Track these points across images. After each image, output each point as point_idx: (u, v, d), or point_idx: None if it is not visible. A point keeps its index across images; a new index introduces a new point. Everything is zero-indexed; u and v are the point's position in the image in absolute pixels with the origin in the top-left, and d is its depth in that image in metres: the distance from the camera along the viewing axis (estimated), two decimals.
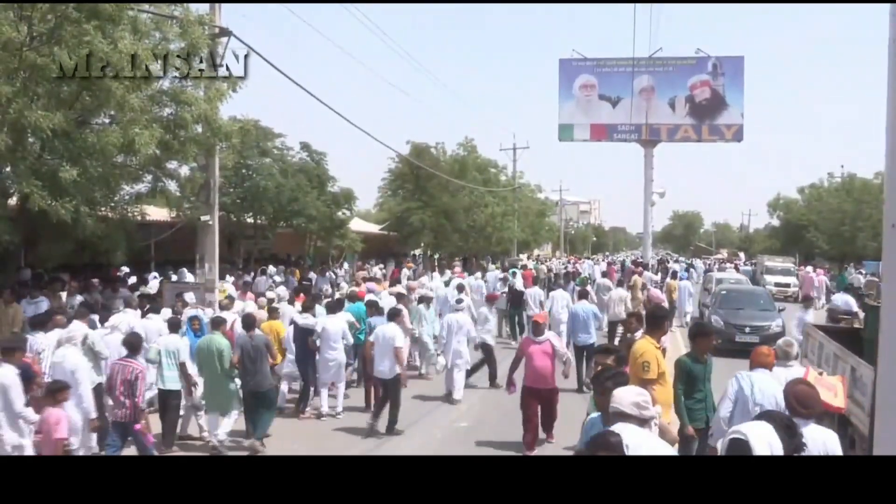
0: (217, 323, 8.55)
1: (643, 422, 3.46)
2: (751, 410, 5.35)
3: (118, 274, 15.71)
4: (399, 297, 11.92)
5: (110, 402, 7.18)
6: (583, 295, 12.95)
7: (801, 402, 4.16)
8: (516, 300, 16.35)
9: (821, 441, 4.05)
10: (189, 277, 15.31)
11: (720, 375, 6.54)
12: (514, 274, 19.89)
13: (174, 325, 8.50)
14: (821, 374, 6.76)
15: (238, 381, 8.23)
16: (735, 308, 16.35)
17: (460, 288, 14.27)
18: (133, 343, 7.33)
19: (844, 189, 38.86)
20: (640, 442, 3.28)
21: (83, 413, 6.76)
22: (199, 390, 8.31)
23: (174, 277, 16.18)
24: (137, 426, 6.92)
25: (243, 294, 13.13)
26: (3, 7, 9.16)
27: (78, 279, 13.68)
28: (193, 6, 11.64)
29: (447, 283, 16.48)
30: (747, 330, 15.18)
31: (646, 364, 5.88)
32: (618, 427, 3.38)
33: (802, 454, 3.58)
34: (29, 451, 5.97)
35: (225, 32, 12.37)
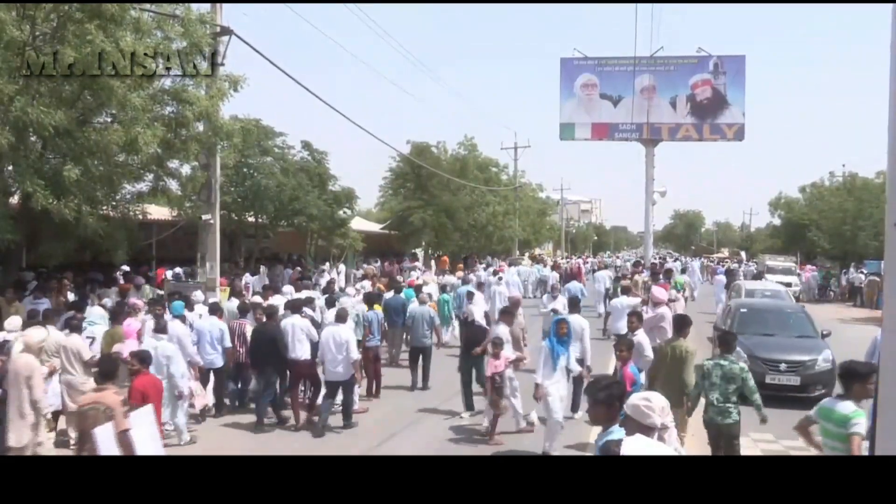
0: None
1: (647, 429, 3.41)
2: None
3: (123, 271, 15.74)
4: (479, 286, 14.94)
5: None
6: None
7: None
8: (473, 339, 10.13)
9: None
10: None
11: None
12: (469, 295, 12.92)
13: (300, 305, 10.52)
14: None
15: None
16: (762, 334, 11.73)
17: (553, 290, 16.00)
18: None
19: (846, 188, 38.81)
20: (635, 451, 3.19)
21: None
22: None
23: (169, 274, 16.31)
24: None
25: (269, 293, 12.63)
26: (6, 6, 9.17)
27: (80, 277, 13.78)
28: (195, 5, 11.67)
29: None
30: (783, 367, 10.74)
31: None
32: (625, 441, 3.30)
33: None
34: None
35: (226, 31, 12.39)
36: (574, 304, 10.98)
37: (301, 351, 9.26)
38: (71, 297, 11.74)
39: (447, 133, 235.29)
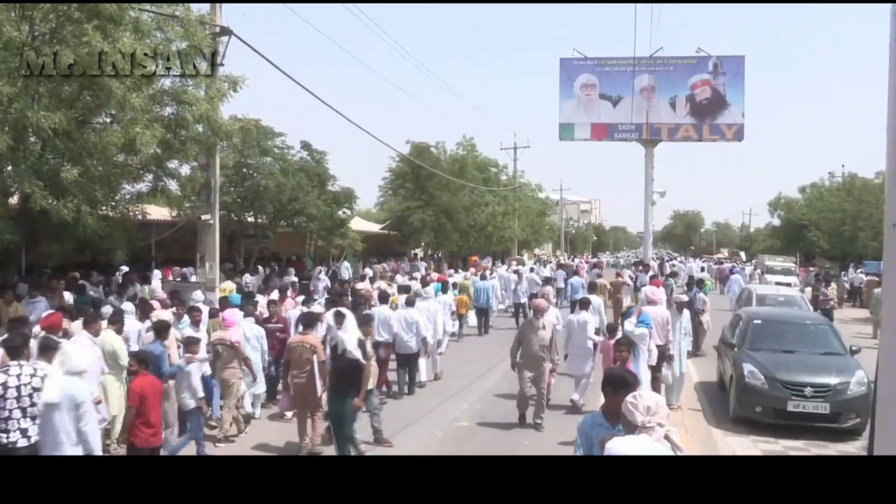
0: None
1: (635, 427, 3.34)
2: None
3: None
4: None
5: None
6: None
7: None
8: (345, 376, 7.37)
9: None
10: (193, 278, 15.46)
11: None
12: (338, 318, 7.57)
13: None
14: None
15: None
16: (780, 350, 9.94)
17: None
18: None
19: (845, 188, 38.90)
20: (624, 451, 3.17)
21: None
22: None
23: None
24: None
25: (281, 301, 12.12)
26: (4, 7, 9.16)
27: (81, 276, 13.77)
28: (194, 6, 11.66)
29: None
30: (808, 392, 8.94)
31: None
32: (613, 441, 3.29)
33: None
34: None
35: (225, 32, 12.39)
36: (592, 288, 14.92)
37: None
38: (67, 296, 11.70)
39: (447, 133, 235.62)
